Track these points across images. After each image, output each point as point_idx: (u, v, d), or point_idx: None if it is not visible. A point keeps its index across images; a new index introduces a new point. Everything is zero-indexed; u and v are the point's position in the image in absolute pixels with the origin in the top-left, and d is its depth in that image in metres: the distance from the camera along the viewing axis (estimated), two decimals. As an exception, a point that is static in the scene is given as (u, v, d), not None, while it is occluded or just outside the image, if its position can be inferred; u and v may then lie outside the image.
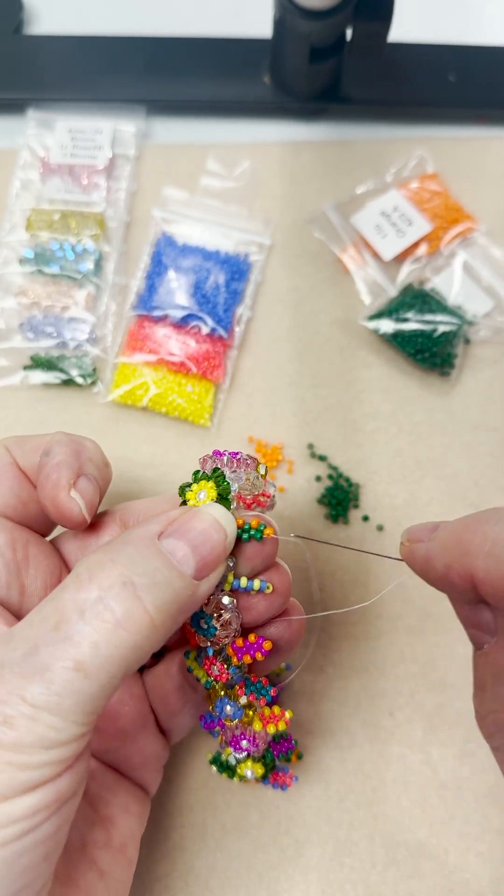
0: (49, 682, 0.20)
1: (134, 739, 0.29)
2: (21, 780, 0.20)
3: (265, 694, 0.27)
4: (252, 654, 0.26)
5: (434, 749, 0.36)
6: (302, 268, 0.46)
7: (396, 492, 0.41)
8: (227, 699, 0.27)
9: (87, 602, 0.21)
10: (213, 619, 0.26)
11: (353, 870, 0.34)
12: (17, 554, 0.28)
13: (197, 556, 0.23)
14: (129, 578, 0.22)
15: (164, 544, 0.23)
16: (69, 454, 0.28)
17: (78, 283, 0.44)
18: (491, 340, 0.44)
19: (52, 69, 0.50)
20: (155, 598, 0.22)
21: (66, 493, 0.27)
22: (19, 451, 0.29)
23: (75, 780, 0.22)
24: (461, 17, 0.55)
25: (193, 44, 0.51)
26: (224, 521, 0.25)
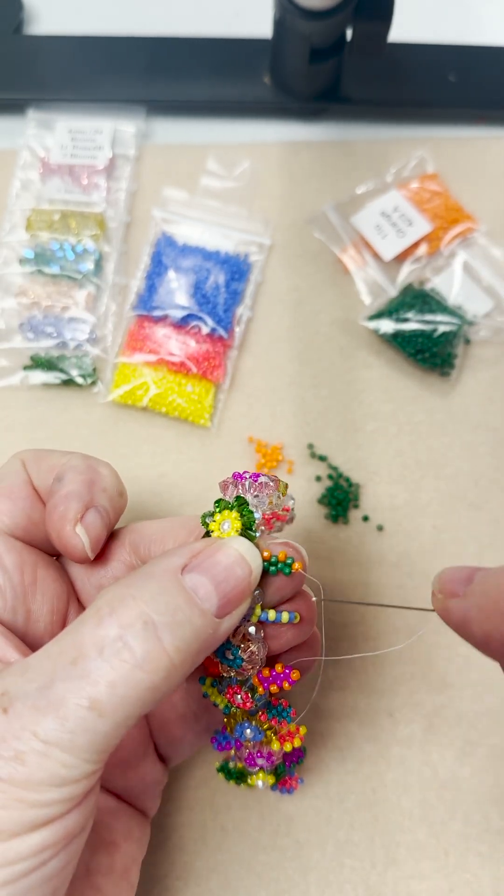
0: (63, 719, 0.20)
1: (135, 767, 0.29)
2: (30, 818, 0.20)
3: (286, 716, 0.27)
4: (279, 684, 0.26)
5: (434, 749, 0.36)
6: (302, 268, 0.46)
7: (396, 492, 0.41)
8: (247, 723, 0.27)
9: (107, 639, 0.21)
10: (239, 650, 0.25)
11: (354, 870, 0.34)
12: (25, 577, 0.27)
13: (220, 593, 0.23)
14: (150, 617, 0.21)
15: (187, 580, 0.23)
16: (81, 483, 0.27)
17: (78, 283, 0.44)
18: (491, 340, 0.44)
19: (52, 69, 0.50)
20: (175, 638, 0.21)
21: (71, 527, 0.26)
22: (35, 468, 0.29)
23: (84, 817, 0.21)
24: (461, 17, 0.55)
25: (193, 44, 0.51)
26: (249, 556, 0.24)
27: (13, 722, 0.20)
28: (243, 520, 0.25)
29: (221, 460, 0.41)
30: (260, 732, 0.26)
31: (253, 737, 0.26)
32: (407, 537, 0.40)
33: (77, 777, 0.20)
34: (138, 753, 0.29)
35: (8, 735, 0.20)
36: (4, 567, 0.26)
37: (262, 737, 0.27)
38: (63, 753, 0.20)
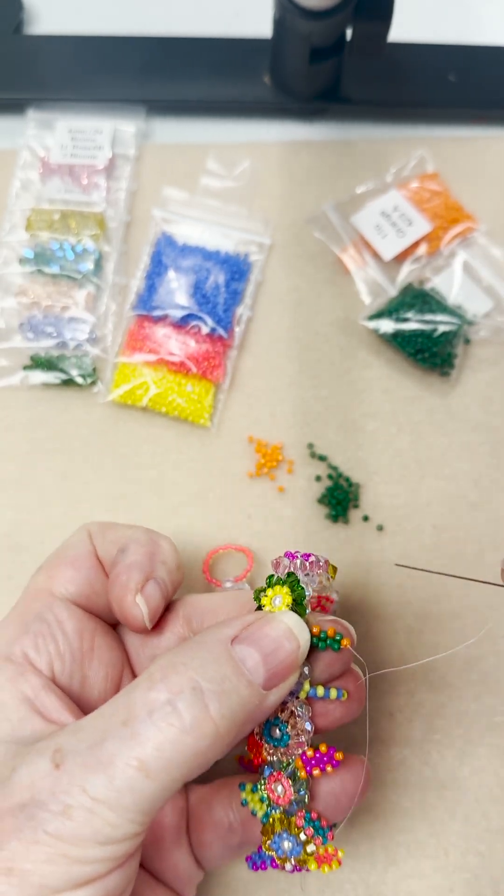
0: (111, 778, 0.21)
1: (168, 852, 0.29)
2: (74, 875, 0.20)
3: (323, 834, 0.26)
4: (322, 767, 0.26)
5: (434, 749, 0.36)
6: (302, 268, 0.46)
7: (396, 492, 0.41)
8: (286, 833, 0.26)
9: (157, 703, 0.22)
10: (287, 726, 0.25)
11: (353, 870, 0.34)
12: (84, 644, 0.28)
13: (267, 665, 0.23)
14: (199, 684, 0.22)
15: (236, 651, 0.23)
16: (143, 555, 0.28)
17: (78, 283, 0.44)
18: (491, 340, 0.44)
19: (52, 69, 0.50)
20: (222, 706, 0.22)
21: (132, 597, 0.27)
22: (100, 539, 0.30)
23: (124, 880, 0.22)
24: (461, 17, 0.55)
25: (193, 44, 0.51)
26: (297, 630, 0.25)
27: (63, 777, 0.21)
28: (294, 595, 0.26)
29: (221, 460, 0.41)
30: (298, 845, 0.26)
31: (291, 850, 0.26)
32: (407, 537, 0.40)
33: (121, 837, 0.21)
34: (173, 839, 0.29)
35: (58, 790, 0.21)
36: (65, 632, 0.28)
37: (301, 851, 0.26)
38: (109, 812, 0.20)
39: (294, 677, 0.24)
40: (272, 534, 0.40)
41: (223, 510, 0.40)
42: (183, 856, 0.29)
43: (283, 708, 0.25)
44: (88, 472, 0.41)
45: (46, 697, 0.26)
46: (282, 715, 0.25)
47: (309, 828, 0.26)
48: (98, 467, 0.41)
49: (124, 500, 0.41)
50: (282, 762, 0.26)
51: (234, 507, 0.40)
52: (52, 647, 0.27)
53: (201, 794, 0.30)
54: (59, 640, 0.27)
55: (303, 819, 0.26)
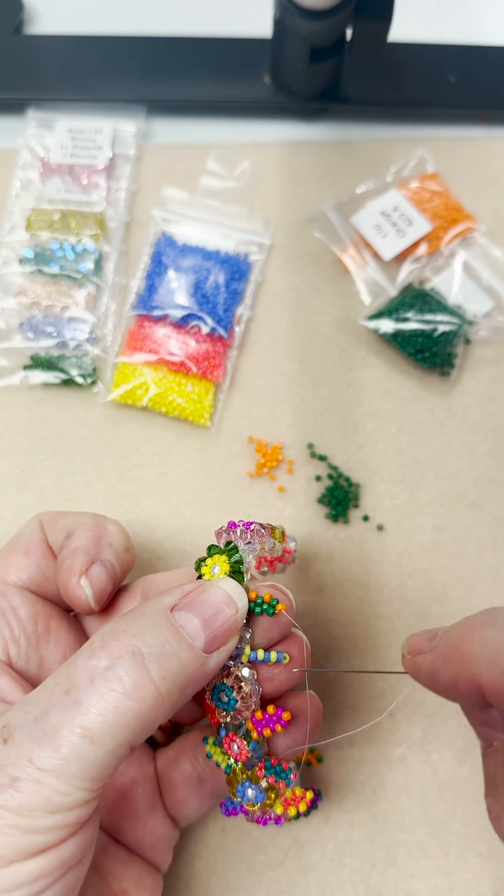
0: (57, 747, 0.21)
1: (144, 820, 0.30)
2: (25, 845, 0.20)
3: (285, 777, 0.27)
4: (272, 727, 0.27)
5: (434, 749, 0.36)
6: (302, 268, 0.46)
7: (396, 492, 0.41)
8: (248, 782, 0.27)
9: (98, 669, 0.22)
10: (233, 691, 0.26)
11: (354, 870, 0.34)
12: (39, 627, 0.29)
13: (207, 629, 0.24)
14: (138, 648, 0.22)
15: (176, 617, 0.24)
16: (89, 539, 0.29)
17: (78, 282, 0.44)
18: (491, 340, 0.44)
19: (52, 69, 0.50)
20: (161, 668, 0.22)
21: (76, 579, 0.28)
22: (50, 528, 0.31)
23: (80, 848, 0.22)
24: (461, 16, 0.55)
25: (193, 44, 0.51)
26: (235, 594, 0.25)
27: (11, 751, 0.21)
28: (231, 562, 0.27)
29: (221, 460, 0.41)
30: (261, 792, 0.27)
31: (255, 797, 0.27)
32: (407, 537, 0.40)
33: (71, 804, 0.21)
34: (147, 808, 0.30)
35: (5, 763, 0.21)
36: (19, 617, 0.28)
37: (264, 797, 0.27)
38: (57, 780, 0.21)
39: (234, 641, 0.25)
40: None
41: (223, 510, 0.40)
42: (159, 820, 0.30)
43: (229, 673, 0.26)
44: (88, 472, 0.41)
45: (1, 680, 0.27)
46: (227, 680, 0.26)
47: (270, 775, 0.27)
48: (98, 467, 0.41)
49: (124, 500, 0.41)
50: (233, 724, 0.27)
51: (234, 507, 0.40)
52: (7, 632, 0.28)
53: (168, 755, 0.31)
54: (13, 625, 0.28)
55: (262, 770, 0.27)
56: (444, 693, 0.25)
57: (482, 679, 0.22)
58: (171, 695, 0.22)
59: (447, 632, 0.25)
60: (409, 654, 0.26)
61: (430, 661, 0.25)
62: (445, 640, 0.25)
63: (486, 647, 0.23)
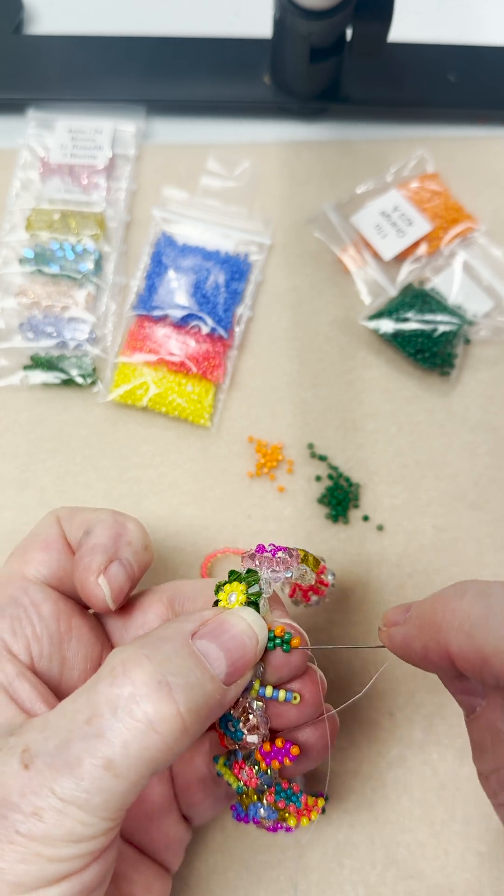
0: (79, 779, 0.20)
1: (158, 822, 0.29)
2: (49, 872, 0.20)
3: (295, 801, 0.27)
4: (280, 760, 0.26)
5: (434, 749, 0.36)
6: (302, 268, 0.46)
7: (396, 492, 0.41)
8: (259, 803, 0.27)
9: (121, 699, 0.21)
10: (240, 722, 0.26)
11: (354, 870, 0.34)
12: (61, 625, 0.28)
13: (228, 660, 0.23)
14: (164, 678, 0.22)
15: (198, 645, 0.23)
16: (108, 537, 0.28)
17: (78, 282, 0.44)
18: (491, 340, 0.44)
19: (52, 69, 0.50)
20: (188, 700, 0.22)
21: (94, 578, 0.27)
22: (68, 524, 0.30)
23: (102, 872, 0.22)
24: (461, 16, 0.55)
25: (193, 44, 0.51)
26: (256, 626, 0.25)
27: (34, 779, 0.21)
28: (248, 593, 0.26)
29: (221, 460, 0.41)
30: (273, 812, 0.27)
31: (267, 816, 0.27)
32: (407, 537, 0.40)
33: (94, 834, 0.21)
34: (162, 809, 0.29)
35: (28, 791, 0.21)
36: (41, 615, 0.28)
37: (276, 816, 0.27)
38: (80, 812, 0.21)
39: (250, 673, 0.25)
40: (272, 534, 0.40)
41: (223, 510, 0.40)
42: (173, 822, 0.29)
43: (237, 705, 0.26)
44: (89, 472, 0.41)
45: (20, 686, 0.26)
46: (234, 712, 0.26)
47: (282, 800, 0.27)
48: (98, 467, 0.41)
49: (124, 500, 0.40)
50: (241, 753, 0.26)
51: (234, 507, 0.40)
52: (29, 630, 0.27)
53: (183, 759, 0.30)
54: (35, 623, 0.27)
55: (273, 795, 0.27)
56: (418, 663, 0.25)
57: (452, 648, 0.23)
58: (194, 726, 0.22)
59: (420, 604, 0.25)
60: (384, 626, 0.26)
61: (403, 633, 0.25)
62: (418, 611, 0.25)
63: (456, 617, 0.23)
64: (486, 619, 0.22)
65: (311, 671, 0.27)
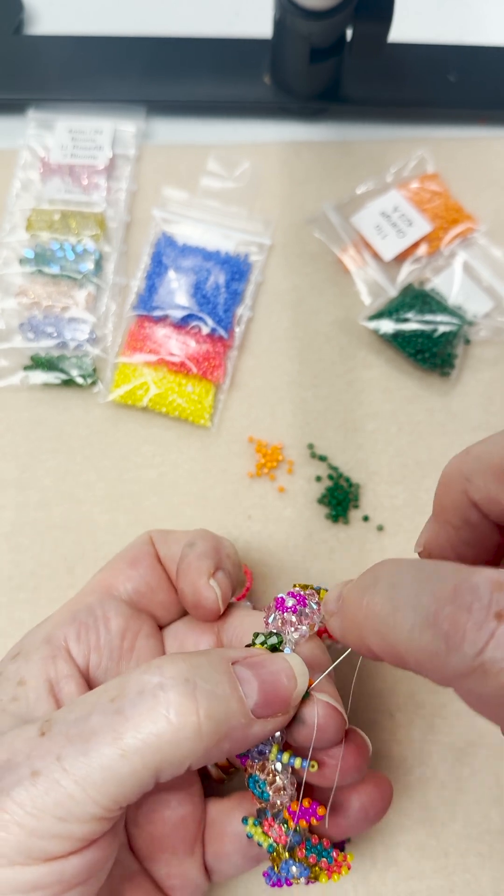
0: (87, 751, 0.21)
1: (180, 860, 0.29)
2: (27, 846, 0.20)
3: (327, 856, 0.27)
4: (307, 820, 0.26)
5: (434, 749, 0.36)
6: (302, 268, 0.46)
7: (396, 492, 0.41)
8: (291, 861, 0.27)
9: (148, 685, 0.22)
10: (266, 783, 0.25)
11: (354, 870, 0.34)
12: (125, 643, 0.29)
13: (262, 692, 0.23)
14: (193, 678, 0.22)
15: (237, 670, 0.24)
16: (210, 548, 0.30)
17: (78, 283, 0.44)
18: (491, 341, 0.44)
19: (52, 69, 0.50)
20: (209, 705, 0.22)
21: (206, 581, 0.28)
22: (162, 543, 0.31)
23: (85, 868, 0.21)
24: (461, 17, 0.55)
25: (193, 44, 0.51)
26: (298, 671, 0.25)
27: (43, 744, 0.21)
28: None
29: (221, 460, 0.41)
30: (306, 869, 0.27)
31: (299, 874, 0.27)
32: (407, 537, 0.40)
33: (81, 815, 0.21)
34: (186, 848, 0.29)
35: (33, 755, 0.21)
36: (109, 628, 0.29)
37: (309, 873, 0.27)
38: (74, 785, 0.21)
39: (284, 718, 0.24)
40: (272, 534, 0.40)
41: (223, 510, 0.40)
42: (194, 866, 0.29)
43: (263, 766, 0.26)
44: (89, 472, 0.41)
45: (67, 685, 0.26)
46: (260, 774, 0.26)
47: (312, 855, 0.26)
48: (98, 468, 0.41)
49: (124, 501, 0.41)
50: (270, 811, 0.26)
51: (235, 507, 0.40)
52: (94, 640, 0.28)
53: (222, 807, 0.30)
54: (101, 634, 0.28)
55: (304, 851, 0.26)
56: (360, 651, 0.23)
57: (374, 648, 0.21)
58: (210, 737, 0.22)
59: (346, 595, 0.24)
60: (326, 615, 0.25)
61: (338, 626, 0.24)
62: (343, 605, 0.24)
63: (370, 616, 0.21)
64: (394, 616, 0.20)
65: (355, 737, 0.27)
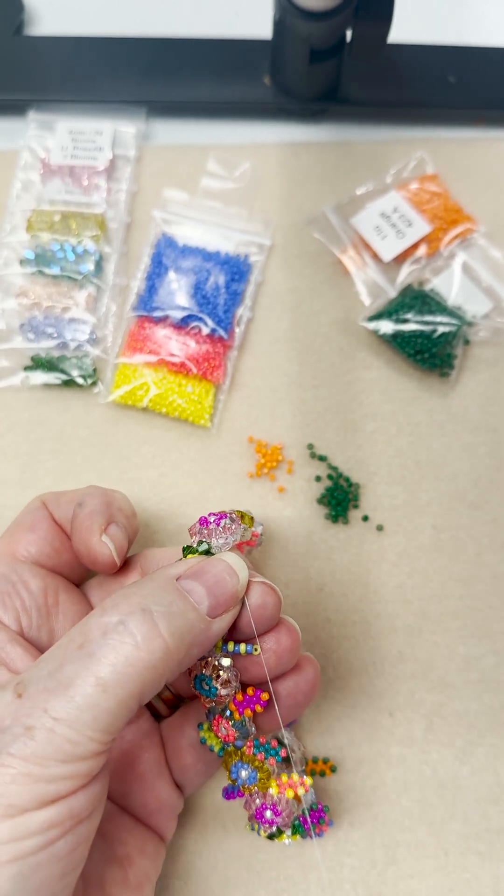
0: (71, 697, 0.22)
1: (151, 786, 0.30)
2: (38, 793, 0.21)
3: (275, 754, 0.29)
4: (252, 707, 0.28)
5: (434, 749, 0.36)
6: (302, 269, 0.46)
7: (396, 492, 0.41)
8: (240, 763, 0.29)
9: (110, 624, 0.23)
10: (212, 679, 0.27)
11: (354, 869, 0.34)
12: (49, 599, 0.30)
13: (211, 595, 0.26)
14: (148, 606, 0.24)
15: (182, 584, 0.26)
16: (100, 504, 0.31)
17: (78, 283, 0.44)
18: (490, 341, 0.44)
19: (52, 70, 0.50)
20: (170, 624, 0.24)
21: (97, 537, 0.30)
22: (55, 504, 0.33)
23: (90, 801, 0.23)
24: (461, 17, 0.55)
25: (193, 44, 0.51)
26: (237, 567, 0.27)
27: (26, 703, 0.22)
28: None
29: (221, 460, 0.42)
30: (253, 770, 0.28)
31: (248, 777, 0.28)
32: (407, 537, 0.40)
33: (82, 754, 0.22)
34: (154, 773, 0.31)
35: (21, 714, 0.22)
36: (30, 590, 0.30)
37: (256, 776, 0.28)
38: (69, 729, 0.22)
39: (236, 609, 0.27)
40: (272, 534, 0.40)
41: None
42: (165, 786, 0.31)
43: (207, 663, 0.27)
44: (89, 472, 0.41)
45: (13, 650, 0.28)
46: (205, 671, 0.27)
47: (260, 752, 0.28)
48: (99, 468, 0.41)
49: (125, 501, 0.41)
50: (217, 708, 0.28)
51: (235, 506, 0.40)
52: (18, 603, 0.30)
53: (172, 723, 0.32)
54: (24, 597, 0.30)
55: (252, 748, 0.28)
56: None
57: None
58: (178, 650, 0.24)
59: None
60: None
61: None
62: None
63: None
64: None
65: (285, 623, 0.29)
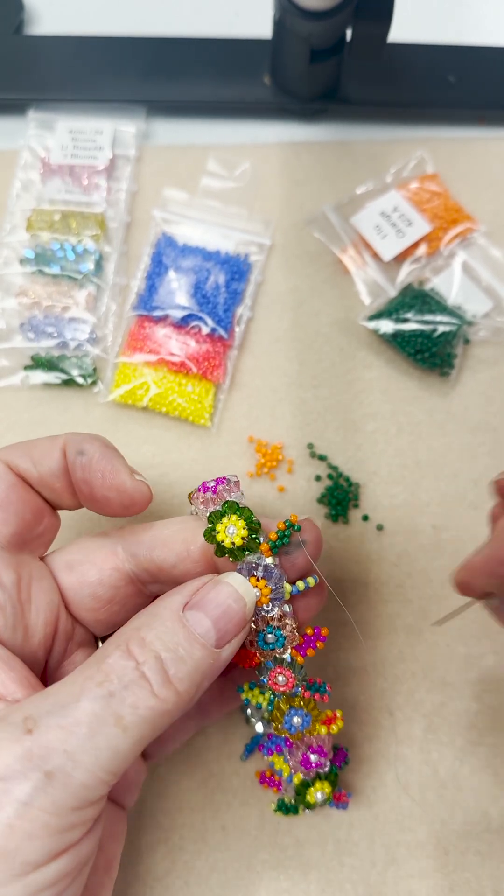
0: (91, 735, 0.22)
1: None
2: (52, 846, 0.21)
3: (324, 690, 0.30)
4: (314, 646, 0.29)
5: (434, 748, 0.36)
6: (302, 268, 0.46)
7: (396, 492, 0.41)
8: (293, 710, 0.29)
9: (127, 669, 0.23)
10: (280, 631, 0.28)
11: (354, 869, 0.34)
12: (22, 594, 0.27)
13: (217, 627, 0.25)
14: (159, 654, 0.24)
15: (188, 617, 0.25)
16: (101, 445, 0.28)
17: (78, 283, 0.44)
18: (490, 341, 0.44)
19: (52, 70, 0.50)
20: (178, 671, 0.24)
21: (129, 477, 0.28)
22: (27, 462, 0.28)
23: (93, 844, 0.23)
24: (461, 17, 0.55)
25: (193, 44, 0.51)
26: (242, 589, 0.26)
27: (39, 740, 0.21)
28: (247, 521, 0.27)
29: (221, 460, 0.42)
30: (307, 715, 0.29)
31: (302, 723, 0.29)
32: (407, 537, 0.40)
33: (93, 798, 0.22)
34: None
35: (36, 755, 0.21)
36: (4, 586, 0.27)
37: (310, 721, 0.29)
38: (85, 772, 0.21)
39: (245, 632, 0.26)
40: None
41: (223, 510, 0.40)
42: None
43: (271, 619, 0.28)
44: (89, 472, 0.41)
45: None
46: (272, 622, 0.28)
47: (315, 693, 0.29)
48: (98, 467, 0.41)
49: (125, 500, 0.41)
50: (278, 660, 0.29)
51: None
52: None
53: None
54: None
55: (308, 692, 0.29)
56: None
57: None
58: (188, 693, 0.24)
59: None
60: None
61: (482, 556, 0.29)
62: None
63: None
64: None
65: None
